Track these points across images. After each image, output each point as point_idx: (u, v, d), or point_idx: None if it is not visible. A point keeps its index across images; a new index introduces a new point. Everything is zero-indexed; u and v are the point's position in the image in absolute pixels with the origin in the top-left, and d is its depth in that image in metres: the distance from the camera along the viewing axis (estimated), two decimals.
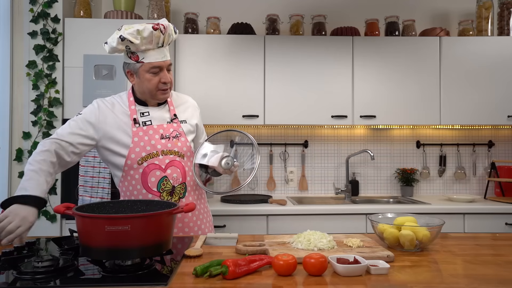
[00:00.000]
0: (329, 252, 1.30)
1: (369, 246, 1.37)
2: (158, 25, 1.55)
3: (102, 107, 1.66)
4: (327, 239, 1.37)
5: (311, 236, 1.38)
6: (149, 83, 1.61)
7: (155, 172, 1.62)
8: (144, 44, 1.55)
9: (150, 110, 1.69)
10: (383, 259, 1.24)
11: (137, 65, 1.60)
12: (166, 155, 1.64)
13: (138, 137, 1.63)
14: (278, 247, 1.35)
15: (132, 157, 1.61)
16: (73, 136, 1.59)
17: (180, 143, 1.69)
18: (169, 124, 1.69)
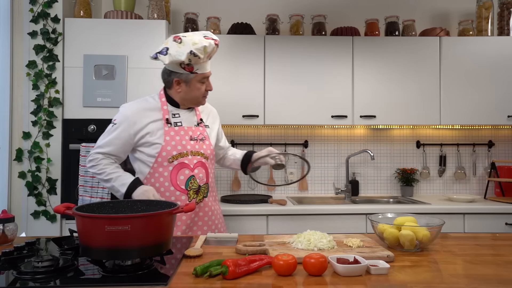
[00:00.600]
0: (329, 252, 1.30)
1: (369, 246, 1.37)
2: (217, 41, 1.71)
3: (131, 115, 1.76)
4: (327, 239, 1.37)
5: (311, 236, 1.38)
6: (198, 91, 1.77)
7: (184, 171, 1.74)
8: (205, 57, 1.70)
9: (180, 112, 1.82)
10: (383, 259, 1.24)
11: (191, 75, 1.74)
12: (194, 156, 1.77)
13: (170, 136, 1.74)
14: (278, 247, 1.36)
15: (163, 155, 1.72)
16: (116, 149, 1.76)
17: (205, 146, 1.82)
18: (196, 127, 1.83)
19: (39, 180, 2.49)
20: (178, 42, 1.67)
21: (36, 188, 2.49)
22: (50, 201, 2.50)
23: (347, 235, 1.53)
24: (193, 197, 1.76)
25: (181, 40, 1.66)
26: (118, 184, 1.71)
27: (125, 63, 2.53)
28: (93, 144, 2.44)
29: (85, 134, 2.51)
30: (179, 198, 1.74)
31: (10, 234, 1.47)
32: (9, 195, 2.52)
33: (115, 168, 1.75)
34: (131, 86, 2.54)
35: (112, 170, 1.73)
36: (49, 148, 2.51)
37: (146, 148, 1.74)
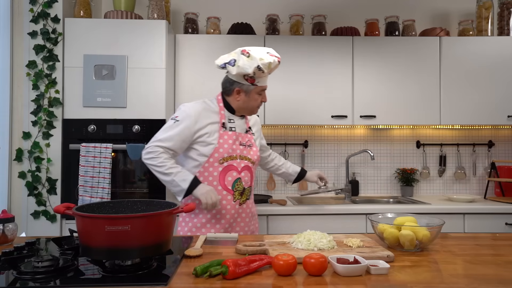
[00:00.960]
0: (329, 252, 1.30)
1: (369, 246, 1.37)
2: (280, 59, 1.85)
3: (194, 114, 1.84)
4: (327, 239, 1.37)
5: (311, 236, 1.38)
6: (255, 102, 1.91)
7: (232, 173, 1.86)
8: (268, 72, 1.85)
9: (235, 118, 1.95)
10: (383, 259, 1.24)
11: (251, 87, 1.87)
12: (242, 160, 1.90)
13: (223, 139, 1.85)
14: (278, 247, 1.36)
15: (215, 156, 1.83)
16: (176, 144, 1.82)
17: (252, 152, 1.95)
18: (245, 134, 1.96)
19: (39, 180, 2.49)
20: (247, 56, 1.79)
21: (36, 188, 2.49)
22: (50, 201, 2.50)
23: (347, 235, 1.53)
24: (237, 198, 1.88)
25: (249, 54, 1.79)
26: (179, 179, 1.77)
27: (125, 63, 2.53)
28: (93, 144, 2.45)
29: (85, 134, 2.51)
30: (225, 197, 1.86)
31: (10, 234, 1.47)
32: (9, 195, 2.52)
33: (175, 164, 1.82)
34: (131, 86, 2.54)
35: (173, 165, 1.80)
36: (49, 148, 2.51)
37: (201, 147, 1.84)
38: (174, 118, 1.85)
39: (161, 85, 2.55)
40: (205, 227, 1.86)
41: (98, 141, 2.49)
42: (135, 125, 2.52)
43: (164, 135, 1.83)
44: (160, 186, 2.54)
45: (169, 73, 2.65)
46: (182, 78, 2.79)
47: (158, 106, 2.54)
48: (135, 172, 2.57)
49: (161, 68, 2.56)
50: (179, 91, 2.79)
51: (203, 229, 1.86)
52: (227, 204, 1.86)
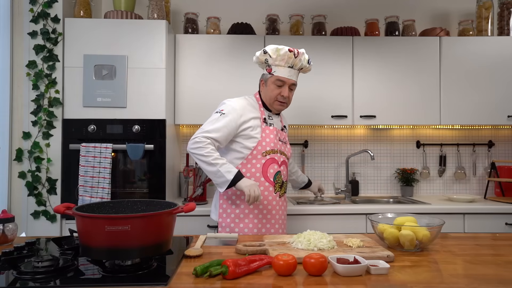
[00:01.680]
0: (329, 252, 1.30)
1: (369, 246, 1.37)
2: (293, 49, 1.89)
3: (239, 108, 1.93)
4: (327, 239, 1.37)
5: (311, 236, 1.38)
6: (272, 92, 1.96)
7: (274, 166, 1.95)
8: (278, 60, 1.90)
9: (272, 116, 2.05)
10: (383, 259, 1.24)
11: (268, 75, 1.96)
12: (281, 155, 2.00)
13: (266, 133, 1.95)
14: (278, 247, 1.36)
15: (259, 149, 1.92)
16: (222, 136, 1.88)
17: (287, 148, 2.08)
18: (281, 131, 2.07)
19: (39, 180, 2.49)
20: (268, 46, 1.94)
21: (36, 188, 2.49)
22: (50, 201, 2.50)
23: (347, 235, 1.53)
24: (277, 190, 1.98)
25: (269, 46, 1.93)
26: (224, 170, 1.81)
27: (125, 63, 2.53)
28: (93, 144, 2.45)
29: (85, 134, 2.51)
30: (267, 188, 1.94)
31: (10, 234, 1.47)
32: (9, 195, 2.52)
33: (219, 155, 1.87)
34: (131, 86, 2.54)
35: (219, 157, 1.84)
36: (49, 148, 2.51)
37: (245, 140, 1.92)
38: (220, 111, 1.91)
39: (161, 85, 2.55)
40: (248, 217, 1.92)
41: (98, 141, 2.49)
42: (135, 125, 2.52)
43: (211, 126, 1.87)
44: (160, 186, 2.55)
45: (169, 73, 2.65)
46: (182, 78, 2.79)
47: (158, 106, 2.54)
48: (135, 172, 2.57)
49: (161, 68, 2.56)
50: (179, 91, 2.79)
51: (246, 219, 1.92)
52: (269, 195, 1.94)
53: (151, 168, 2.54)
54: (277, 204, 1.98)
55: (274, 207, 1.97)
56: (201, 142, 1.84)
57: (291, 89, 1.99)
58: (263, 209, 1.94)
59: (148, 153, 2.52)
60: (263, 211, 1.94)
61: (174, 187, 2.84)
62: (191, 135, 3.13)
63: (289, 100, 2.01)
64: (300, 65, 1.95)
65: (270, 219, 1.96)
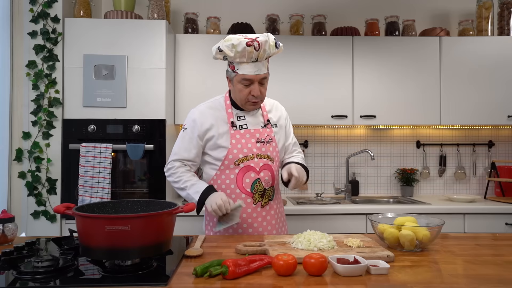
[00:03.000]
0: (329, 252, 1.30)
1: (369, 246, 1.37)
2: (252, 42, 1.60)
3: (198, 117, 1.76)
4: (327, 239, 1.37)
5: (311, 236, 1.38)
6: (240, 93, 1.69)
7: (250, 174, 1.72)
8: (238, 57, 1.63)
9: (245, 114, 1.79)
10: (383, 259, 1.24)
11: (232, 74, 1.70)
12: (261, 159, 1.75)
13: (236, 139, 1.73)
14: (278, 247, 1.36)
15: (230, 158, 1.72)
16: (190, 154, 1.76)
17: (272, 147, 1.79)
18: (263, 129, 1.79)
19: (39, 180, 2.49)
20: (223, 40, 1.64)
21: (36, 188, 2.49)
22: (50, 201, 2.50)
23: (347, 235, 1.53)
24: (258, 200, 1.75)
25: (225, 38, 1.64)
26: (192, 192, 1.68)
27: (125, 63, 2.53)
28: (93, 144, 2.45)
29: (85, 134, 2.51)
30: (244, 200, 1.73)
31: (10, 234, 1.47)
32: (9, 195, 2.52)
33: (191, 176, 1.73)
34: (131, 86, 2.54)
35: (188, 178, 1.72)
36: (49, 148, 2.51)
37: (213, 151, 1.75)
38: (183, 127, 1.79)
39: (161, 85, 2.55)
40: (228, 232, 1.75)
41: (98, 141, 2.49)
42: (135, 125, 2.52)
43: (176, 148, 1.78)
44: (160, 186, 2.55)
45: (169, 73, 2.65)
46: (182, 78, 2.79)
47: (158, 106, 2.54)
48: (135, 172, 2.57)
49: (161, 68, 2.56)
50: (179, 91, 2.79)
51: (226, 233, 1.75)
52: (248, 207, 1.73)
53: (151, 168, 2.54)
54: (258, 216, 1.74)
55: (256, 219, 1.74)
56: (171, 168, 1.76)
57: (262, 83, 1.69)
58: (242, 224, 1.73)
59: (148, 153, 2.52)
60: (243, 225, 1.73)
61: None
62: None
63: (262, 96, 1.72)
64: (266, 55, 1.64)
65: (252, 233, 1.74)
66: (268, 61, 1.72)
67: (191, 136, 1.76)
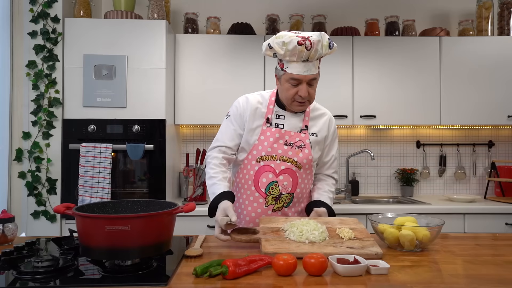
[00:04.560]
0: (320, 245, 1.31)
1: (360, 238, 1.39)
2: (304, 40, 1.55)
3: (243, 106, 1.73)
4: (319, 230, 1.38)
5: (304, 226, 1.39)
6: (287, 92, 1.64)
7: (267, 174, 1.67)
8: (288, 55, 1.58)
9: (286, 114, 1.73)
10: (372, 257, 1.24)
11: (281, 72, 1.64)
12: (283, 162, 1.68)
13: (265, 136, 1.68)
14: (271, 236, 1.38)
15: (254, 153, 1.69)
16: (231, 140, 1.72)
17: (302, 154, 1.70)
18: (297, 133, 1.71)
19: (39, 180, 2.49)
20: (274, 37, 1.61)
21: (36, 188, 2.49)
22: (50, 201, 2.50)
23: (342, 220, 1.54)
24: (271, 203, 1.68)
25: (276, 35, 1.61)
26: (210, 192, 1.63)
27: (125, 63, 2.53)
28: (93, 144, 2.45)
29: (85, 134, 2.51)
30: (256, 200, 1.68)
31: (10, 234, 1.47)
32: (9, 195, 2.52)
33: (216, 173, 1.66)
34: (131, 86, 2.54)
35: (214, 174, 1.65)
36: (49, 148, 2.50)
37: (244, 143, 1.71)
38: (227, 114, 1.76)
39: (161, 85, 2.55)
40: None
41: (98, 141, 2.49)
42: (135, 125, 2.52)
43: (219, 134, 1.75)
44: (160, 186, 2.55)
45: (169, 73, 2.65)
46: (182, 78, 2.79)
47: (158, 106, 2.54)
48: (135, 172, 2.57)
49: (161, 68, 2.56)
50: (179, 91, 2.79)
51: None
52: (258, 207, 1.67)
53: (151, 168, 2.54)
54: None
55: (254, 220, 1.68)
56: (209, 156, 1.72)
57: (311, 84, 1.64)
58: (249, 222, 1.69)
59: (148, 153, 2.52)
60: (249, 224, 1.69)
61: (174, 187, 2.84)
62: (191, 135, 3.13)
63: (311, 97, 1.66)
64: (317, 55, 1.60)
65: None
66: (320, 61, 1.67)
67: (232, 122, 1.73)
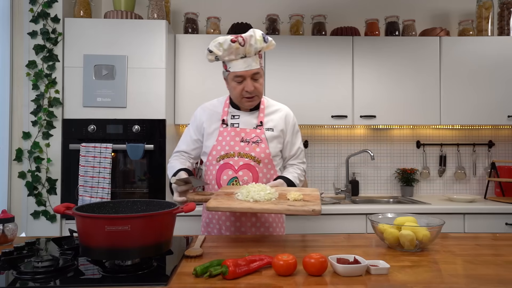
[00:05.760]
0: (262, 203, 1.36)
1: (307, 200, 1.42)
2: (237, 38, 1.64)
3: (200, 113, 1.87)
4: (266, 191, 1.43)
5: (251, 188, 1.45)
6: (235, 90, 1.74)
7: (228, 171, 1.74)
8: (226, 55, 1.68)
9: (241, 114, 1.82)
10: (309, 213, 1.29)
11: (226, 73, 1.75)
12: (241, 158, 1.74)
13: (222, 136, 1.78)
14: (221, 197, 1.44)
15: (213, 154, 1.78)
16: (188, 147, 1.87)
17: (259, 149, 1.76)
18: (252, 130, 1.78)
19: (39, 180, 2.49)
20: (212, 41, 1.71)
21: (36, 188, 2.49)
22: (50, 201, 2.50)
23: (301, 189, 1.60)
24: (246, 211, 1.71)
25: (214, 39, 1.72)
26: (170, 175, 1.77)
27: (125, 63, 2.53)
28: (93, 144, 2.45)
29: (85, 134, 2.51)
30: None
31: (10, 234, 1.47)
32: (9, 195, 2.52)
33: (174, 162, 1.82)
34: (131, 86, 2.54)
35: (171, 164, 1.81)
36: (49, 148, 2.51)
37: (206, 148, 1.83)
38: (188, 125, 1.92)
39: (161, 85, 2.55)
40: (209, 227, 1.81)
41: (98, 141, 2.49)
42: (135, 125, 2.52)
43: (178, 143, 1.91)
44: (160, 186, 2.55)
45: (169, 73, 2.65)
46: (182, 78, 2.79)
47: (158, 106, 2.54)
48: (135, 172, 2.57)
49: (161, 68, 2.56)
50: (179, 91, 2.79)
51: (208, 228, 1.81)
52: None
53: (151, 168, 2.54)
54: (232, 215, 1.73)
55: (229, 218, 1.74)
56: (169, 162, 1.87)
57: (256, 79, 1.71)
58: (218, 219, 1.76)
59: (148, 153, 2.52)
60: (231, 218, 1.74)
61: None
62: None
63: (258, 92, 1.73)
64: (254, 50, 1.66)
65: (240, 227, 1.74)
66: (261, 56, 1.73)
67: (189, 129, 1.88)
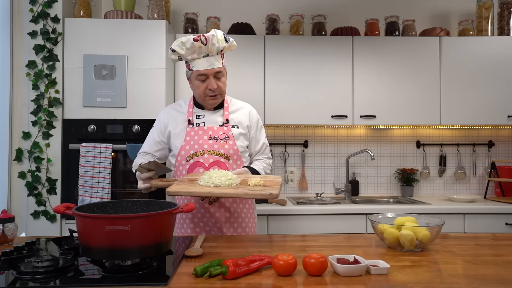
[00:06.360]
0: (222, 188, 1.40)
1: (267, 185, 1.44)
2: (199, 37, 1.68)
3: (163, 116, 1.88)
4: (227, 177, 1.46)
5: (213, 174, 1.48)
6: (198, 89, 1.76)
7: (198, 170, 1.76)
8: (189, 54, 1.71)
9: (205, 113, 1.85)
10: (266, 197, 1.32)
11: (189, 72, 1.77)
12: (211, 155, 1.77)
13: (190, 136, 1.79)
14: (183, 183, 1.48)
15: (182, 154, 1.78)
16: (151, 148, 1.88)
17: (227, 145, 1.79)
18: (219, 127, 1.82)
19: (39, 180, 2.49)
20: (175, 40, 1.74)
21: (36, 188, 2.49)
22: (50, 201, 2.50)
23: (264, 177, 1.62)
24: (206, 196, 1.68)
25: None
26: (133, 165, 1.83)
27: (125, 63, 2.53)
28: (93, 144, 2.45)
29: (85, 134, 2.51)
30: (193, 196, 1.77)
31: (10, 234, 1.47)
32: (9, 195, 2.52)
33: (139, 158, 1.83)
34: (131, 86, 2.54)
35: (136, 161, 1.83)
36: (49, 148, 2.51)
37: (174, 148, 1.83)
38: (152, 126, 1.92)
39: (161, 85, 2.55)
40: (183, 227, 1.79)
41: (98, 141, 2.49)
42: (135, 125, 2.52)
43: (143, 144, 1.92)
44: None
45: (169, 73, 2.65)
46: (182, 78, 2.79)
47: (158, 106, 2.54)
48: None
49: (161, 68, 2.56)
50: (179, 91, 2.79)
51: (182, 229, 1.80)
52: (195, 202, 1.74)
53: None
54: (206, 212, 1.75)
55: (204, 214, 1.75)
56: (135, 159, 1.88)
57: (219, 78, 1.75)
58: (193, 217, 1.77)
59: None
60: (194, 219, 1.77)
61: None
62: None
63: (221, 90, 1.77)
64: (216, 49, 1.70)
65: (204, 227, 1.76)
66: (223, 56, 1.77)
67: (153, 132, 1.89)
